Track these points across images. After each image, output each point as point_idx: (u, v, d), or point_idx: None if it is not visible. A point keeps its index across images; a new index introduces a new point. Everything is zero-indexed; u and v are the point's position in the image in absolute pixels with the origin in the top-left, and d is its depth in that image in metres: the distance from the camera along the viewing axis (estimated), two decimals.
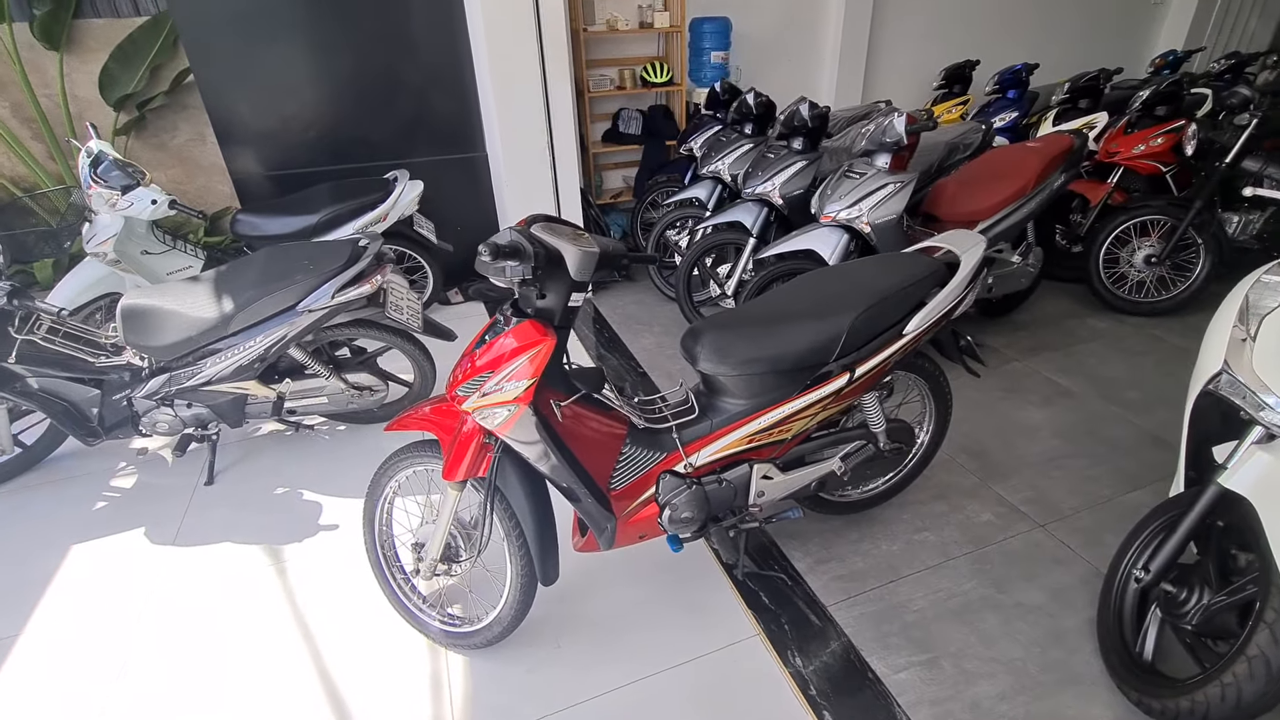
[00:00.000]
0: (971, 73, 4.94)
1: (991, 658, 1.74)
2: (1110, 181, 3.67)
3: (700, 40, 4.44)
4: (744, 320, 1.69)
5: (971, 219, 2.86)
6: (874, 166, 2.67)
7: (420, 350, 2.68)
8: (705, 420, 1.70)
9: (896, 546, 2.10)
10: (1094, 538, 2.10)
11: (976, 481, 2.36)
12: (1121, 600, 1.71)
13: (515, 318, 1.44)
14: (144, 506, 2.43)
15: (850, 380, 1.66)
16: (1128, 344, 3.25)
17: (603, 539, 1.66)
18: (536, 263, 1.27)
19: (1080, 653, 1.73)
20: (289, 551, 2.19)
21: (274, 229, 3.20)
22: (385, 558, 1.87)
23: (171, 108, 3.84)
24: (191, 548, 2.23)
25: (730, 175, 3.49)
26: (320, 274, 2.22)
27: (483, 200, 4.16)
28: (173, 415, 2.42)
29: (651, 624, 1.87)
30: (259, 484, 2.53)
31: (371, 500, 1.82)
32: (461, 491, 1.61)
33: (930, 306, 1.69)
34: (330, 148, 3.77)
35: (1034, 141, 3.12)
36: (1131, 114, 3.64)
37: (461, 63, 3.77)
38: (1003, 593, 1.92)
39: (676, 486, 1.69)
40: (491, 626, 1.71)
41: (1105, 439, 2.57)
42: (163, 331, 2.18)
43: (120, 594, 2.04)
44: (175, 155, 3.97)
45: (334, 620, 1.92)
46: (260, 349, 2.25)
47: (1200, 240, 3.30)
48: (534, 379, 1.38)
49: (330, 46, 3.53)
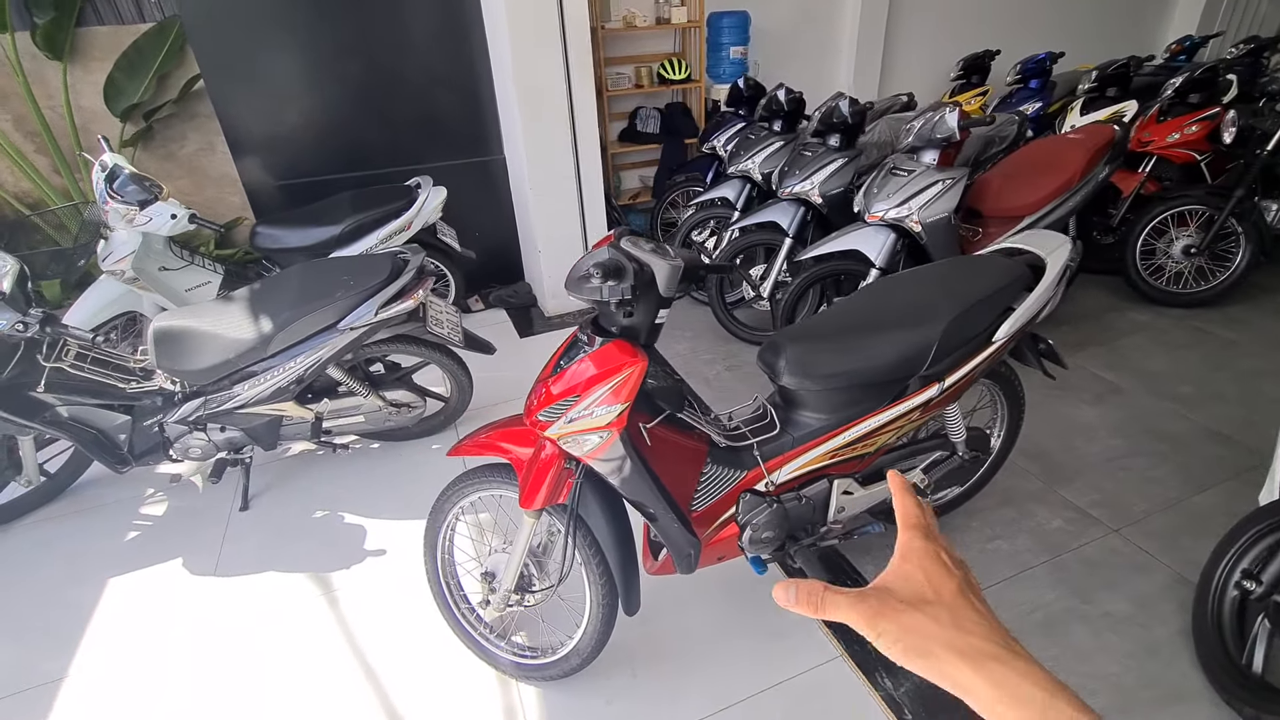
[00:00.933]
0: (990, 63, 4.87)
1: (1088, 673, 1.67)
2: (1143, 171, 3.62)
3: (718, 35, 4.35)
4: (826, 331, 1.61)
5: (1018, 214, 2.79)
6: (922, 163, 2.59)
7: (458, 364, 2.60)
8: (786, 435, 1.63)
9: (969, 557, 2.03)
10: (1170, 542, 2.04)
11: (1041, 485, 2.30)
12: (1219, 610, 1.65)
13: (599, 337, 1.35)
14: (179, 535, 2.34)
15: (940, 391, 1.59)
16: (1171, 337, 3.20)
17: (684, 564, 1.59)
18: (636, 280, 1.19)
19: (1178, 665, 1.68)
20: (338, 579, 2.10)
21: (295, 241, 3.09)
22: (448, 586, 1.79)
23: (180, 117, 3.71)
24: (234, 578, 2.14)
25: (761, 174, 3.40)
26: (362, 290, 2.12)
27: (500, 205, 4.07)
28: (206, 440, 2.33)
29: (728, 648, 1.80)
30: (296, 508, 2.44)
31: (434, 527, 1.74)
32: (538, 519, 1.53)
33: (1020, 311, 1.62)
34: (344, 155, 3.67)
35: (1075, 133, 3.05)
36: (1163, 102, 3.58)
37: (477, 64, 3.68)
38: (1087, 603, 1.86)
39: (757, 505, 1.61)
40: (569, 657, 1.64)
41: (1164, 436, 2.52)
42: (198, 354, 2.09)
43: (166, 629, 1.95)
44: (184, 166, 3.85)
45: (395, 652, 1.84)
46: (300, 370, 2.16)
47: (1240, 229, 3.25)
48: (627, 403, 1.30)
49: (344, 50, 3.43)
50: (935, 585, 0.40)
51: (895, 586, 0.41)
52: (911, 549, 0.43)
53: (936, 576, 0.41)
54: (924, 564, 0.42)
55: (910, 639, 0.38)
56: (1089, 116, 3.91)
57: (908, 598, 0.40)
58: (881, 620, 0.39)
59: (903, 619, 0.39)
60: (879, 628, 0.39)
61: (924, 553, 0.42)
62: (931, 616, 0.39)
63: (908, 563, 0.42)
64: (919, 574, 0.41)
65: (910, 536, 0.44)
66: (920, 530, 0.44)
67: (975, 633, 0.38)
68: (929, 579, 0.41)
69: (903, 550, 0.43)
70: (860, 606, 0.40)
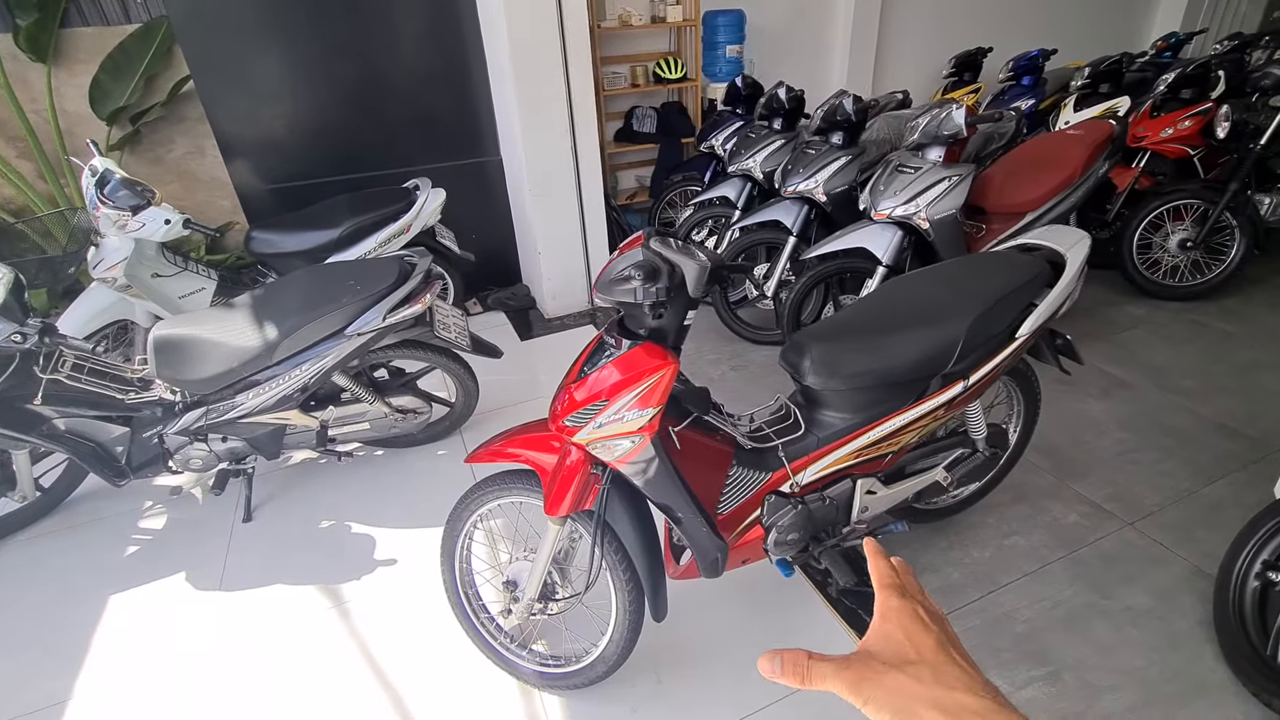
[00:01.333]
0: (983, 60, 4.90)
1: (1113, 667, 1.68)
2: (1137, 166, 3.65)
3: (714, 34, 4.34)
4: (850, 331, 1.60)
5: (1021, 210, 2.81)
6: (928, 160, 2.59)
7: (464, 369, 2.56)
8: (810, 436, 1.61)
9: (988, 553, 2.03)
10: (1185, 534, 2.05)
11: (1054, 481, 2.31)
12: (1241, 602, 1.66)
13: (627, 340, 1.33)
14: (181, 549, 2.28)
15: (964, 389, 1.58)
16: (1170, 330, 3.24)
17: (710, 568, 1.56)
18: (671, 282, 1.17)
19: (1202, 658, 1.68)
20: (348, 590, 2.06)
21: (292, 245, 3.03)
22: (467, 596, 1.75)
23: (168, 120, 3.63)
24: (241, 592, 2.08)
25: (762, 173, 3.39)
26: (369, 295, 2.08)
27: (497, 206, 4.03)
28: (207, 450, 2.27)
29: (751, 651, 1.77)
30: (301, 518, 2.39)
31: (451, 535, 1.70)
32: (563, 526, 1.50)
33: (1042, 307, 1.61)
34: (337, 157, 3.61)
35: (1074, 129, 3.07)
36: (1156, 97, 3.62)
37: (472, 64, 3.64)
38: (1107, 598, 1.86)
39: (782, 507, 1.59)
40: (595, 665, 1.61)
41: (1170, 430, 2.54)
42: (200, 363, 2.03)
43: (173, 647, 1.89)
44: (173, 170, 3.76)
45: (412, 664, 1.80)
46: (305, 377, 2.11)
47: (1235, 223, 3.29)
48: (659, 407, 1.28)
49: (336, 50, 3.37)
50: (915, 643, 0.41)
51: (877, 648, 0.42)
52: (889, 608, 0.44)
53: (915, 633, 0.41)
54: (902, 622, 0.42)
55: (896, 700, 0.38)
56: (1083, 113, 3.95)
57: (890, 659, 0.40)
58: (866, 685, 0.40)
59: (886, 681, 0.39)
60: (865, 693, 0.39)
61: (901, 610, 0.43)
62: (914, 676, 0.39)
63: (887, 622, 0.43)
64: (899, 633, 0.42)
65: (886, 596, 0.45)
66: (895, 589, 0.45)
67: (958, 688, 0.38)
68: (908, 637, 0.41)
69: (881, 610, 0.44)
70: (845, 674, 0.40)
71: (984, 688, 0.38)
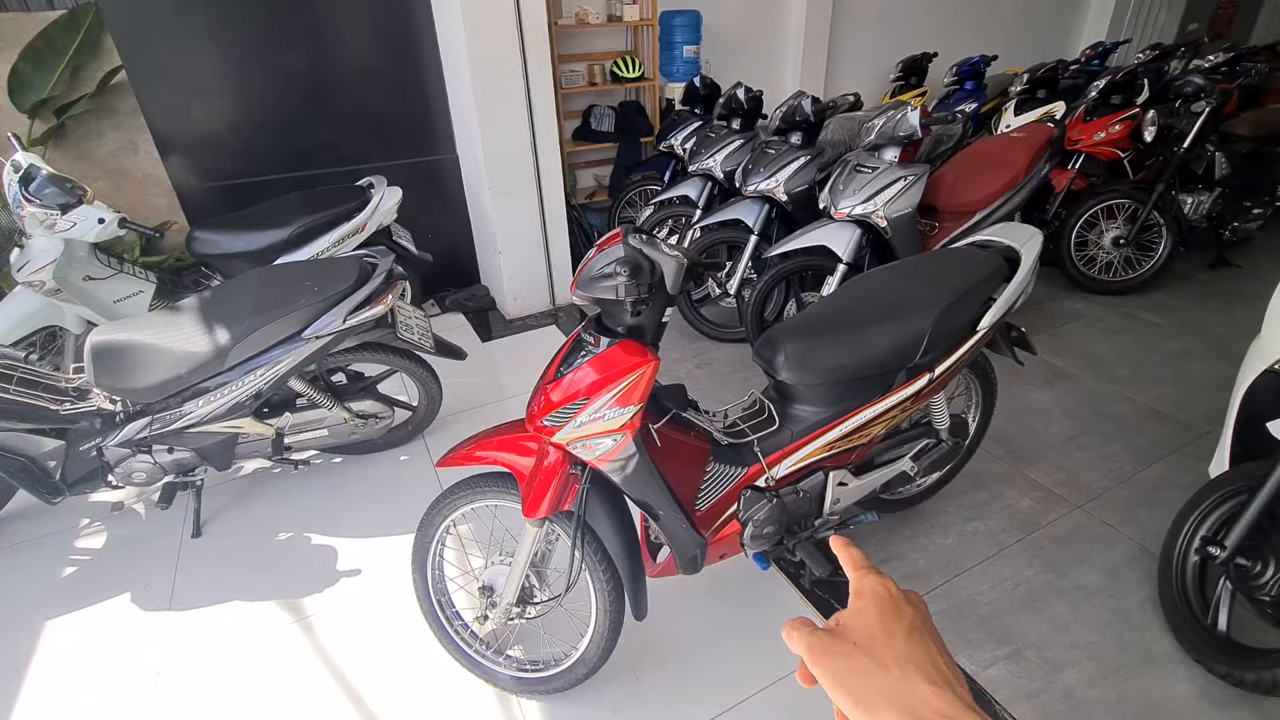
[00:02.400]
0: (928, 64, 5.08)
1: (1069, 644, 1.76)
2: (1073, 167, 3.85)
3: (671, 34, 4.36)
4: (821, 326, 1.63)
5: (971, 209, 2.92)
6: (884, 160, 2.67)
7: (427, 371, 2.49)
8: (785, 430, 1.63)
9: (950, 540, 2.11)
10: (1130, 514, 2.17)
11: (1008, 467, 2.41)
12: (1183, 576, 1.76)
13: (605, 338, 1.32)
14: (124, 569, 2.14)
15: (930, 381, 1.63)
16: (1106, 323, 3.43)
17: (689, 564, 1.57)
18: (652, 278, 1.16)
19: (1150, 630, 1.78)
20: (311, 604, 1.97)
21: (238, 246, 2.89)
22: (440, 603, 1.71)
23: (96, 113, 3.40)
24: (194, 611, 1.97)
25: (722, 172, 3.43)
26: (327, 296, 2.00)
27: (453, 205, 3.94)
28: (151, 463, 2.14)
29: (729, 646, 1.79)
30: (255, 531, 2.28)
31: (423, 542, 1.66)
32: (541, 528, 1.47)
33: (1000, 301, 1.68)
34: (285, 153, 3.47)
35: (1017, 132, 3.22)
36: (1089, 103, 3.83)
37: (426, 60, 3.55)
38: (1062, 577, 1.96)
39: (758, 501, 1.61)
40: (575, 667, 1.59)
41: (1110, 416, 2.68)
42: (144, 371, 1.91)
43: (119, 672, 1.77)
44: (103, 166, 3.52)
45: (383, 676, 1.74)
46: (259, 383, 2.02)
47: (1163, 221, 3.51)
48: (640, 404, 1.27)
49: (282, 41, 3.23)
50: (886, 625, 0.40)
51: (851, 623, 0.41)
52: (864, 584, 0.44)
53: (888, 615, 0.41)
54: (878, 602, 0.42)
55: (857, 684, 0.38)
56: (1022, 117, 4.15)
57: (860, 637, 0.40)
58: (830, 656, 0.39)
59: (851, 661, 0.39)
60: (826, 665, 0.39)
61: (876, 586, 0.43)
62: (880, 664, 0.38)
63: (862, 598, 0.43)
64: (872, 610, 0.41)
65: (861, 574, 0.44)
66: (869, 570, 0.45)
67: (921, 689, 0.36)
68: (881, 617, 0.41)
69: (856, 588, 0.44)
70: (812, 640, 0.40)
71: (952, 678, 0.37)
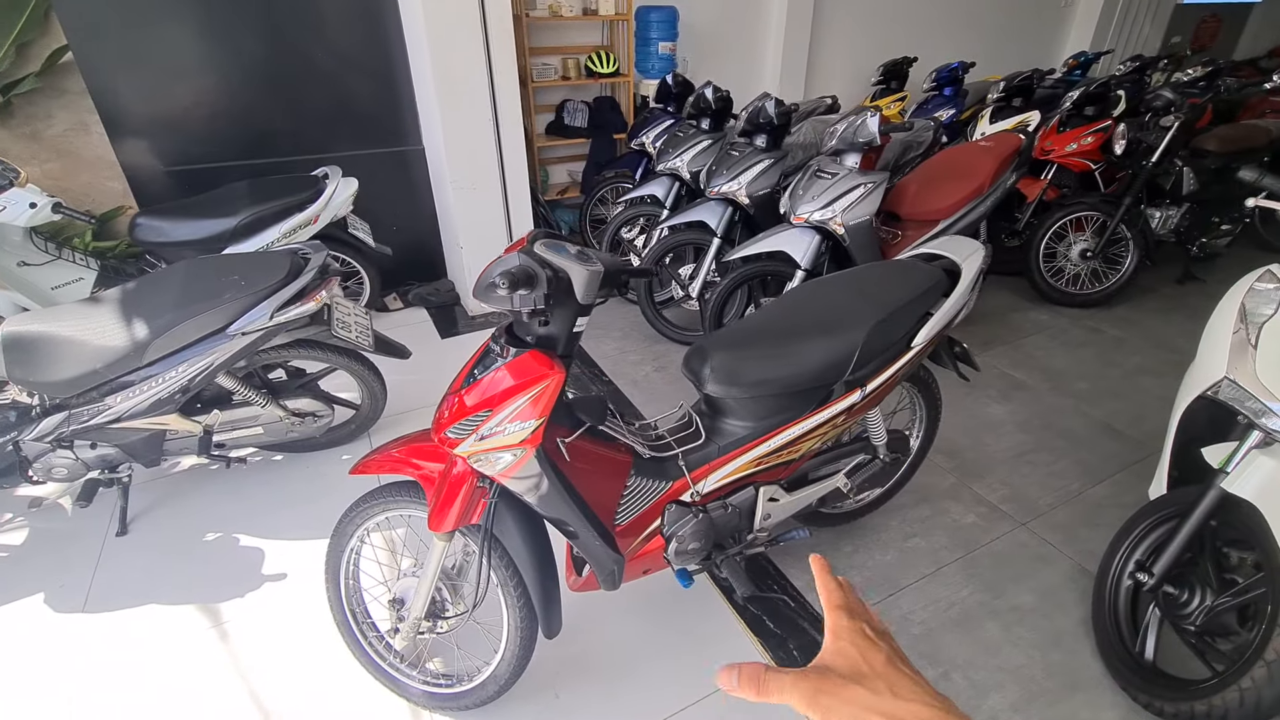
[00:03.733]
0: (909, 69, 5.04)
1: (998, 666, 1.73)
2: (1045, 178, 3.83)
3: (647, 30, 4.29)
4: (751, 338, 1.58)
5: (934, 218, 2.88)
6: (845, 166, 2.62)
7: (369, 370, 2.43)
8: (711, 444, 1.59)
9: (890, 556, 2.08)
10: (1071, 534, 2.15)
11: (955, 482, 2.38)
12: (1115, 601, 1.74)
13: (513, 347, 1.26)
14: (41, 568, 2.07)
15: (863, 396, 1.59)
16: (1069, 336, 3.41)
17: (608, 580, 1.53)
18: (550, 289, 1.11)
19: (1080, 654, 1.76)
20: (229, 609, 1.91)
21: (183, 234, 2.81)
22: (354, 614, 1.65)
23: (44, 92, 3.29)
24: (108, 613, 1.91)
25: (689, 173, 3.37)
26: (255, 291, 1.93)
27: (419, 198, 3.86)
28: (73, 459, 2.07)
29: (653, 662, 1.75)
30: (183, 530, 2.21)
31: (336, 551, 1.60)
32: (449, 542, 1.42)
33: (937, 317, 1.64)
34: (243, 140, 3.38)
35: (986, 140, 3.18)
36: (1062, 113, 3.81)
37: (393, 48, 3.47)
38: (998, 597, 1.93)
39: (682, 516, 1.57)
40: (486, 685, 1.54)
41: (1063, 432, 2.66)
42: (58, 364, 1.84)
43: (26, 679, 1.71)
44: (52, 148, 3.42)
45: (293, 689, 1.68)
46: (183, 380, 1.95)
47: (1129, 235, 3.49)
48: (543, 418, 1.22)
49: (241, 23, 3.14)
50: (867, 659, 0.43)
51: (833, 664, 0.44)
52: (841, 627, 0.46)
53: (867, 650, 0.44)
54: (854, 640, 0.45)
55: (851, 710, 0.41)
56: (997, 125, 4.11)
57: (846, 673, 0.43)
58: (823, 697, 0.42)
59: (843, 693, 0.41)
60: (821, 704, 0.41)
61: (852, 629, 0.46)
62: (870, 689, 0.41)
63: (839, 639, 0.45)
64: (852, 649, 0.44)
65: (837, 616, 0.47)
66: (845, 609, 0.47)
67: (912, 699, 0.41)
68: (861, 653, 0.44)
69: (833, 629, 0.46)
70: (802, 685, 0.42)
71: (935, 697, 0.41)
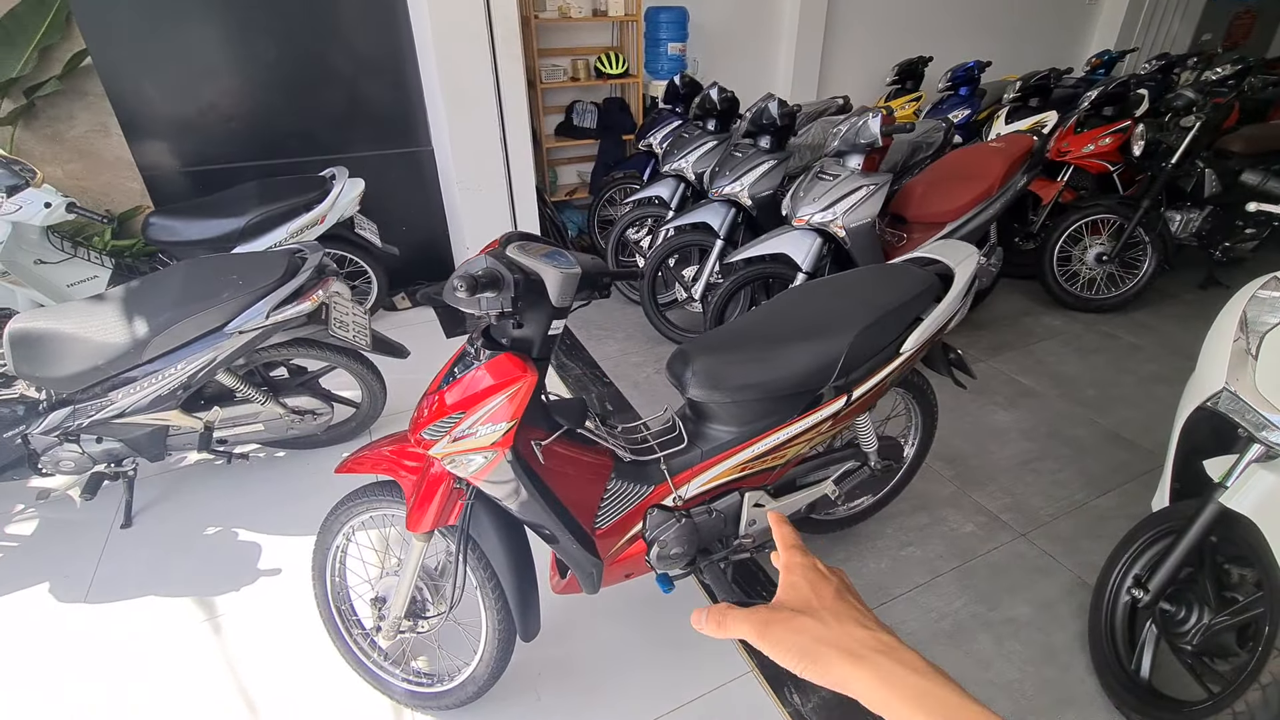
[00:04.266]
0: (924, 69, 4.97)
1: (988, 680, 1.69)
2: (1061, 180, 3.74)
3: (656, 30, 4.28)
4: (735, 342, 1.57)
5: (941, 220, 2.83)
6: (847, 168, 2.59)
7: (368, 369, 2.45)
8: (694, 449, 1.57)
9: (884, 564, 2.04)
10: (1073, 545, 2.10)
11: (955, 490, 2.34)
12: (1112, 617, 1.69)
13: (488, 350, 1.27)
14: (48, 558, 2.13)
15: (848, 403, 1.57)
16: (1082, 341, 3.32)
17: (588, 584, 1.52)
18: (516, 292, 1.11)
19: (1073, 670, 1.71)
20: (224, 602, 1.95)
21: (193, 234, 2.87)
22: (340, 612, 1.67)
23: (67, 94, 3.39)
24: (108, 604, 1.95)
25: (694, 174, 3.36)
26: (252, 290, 1.96)
27: (429, 198, 3.90)
28: (79, 452, 2.12)
29: (637, 667, 1.74)
30: (186, 524, 2.26)
31: (322, 550, 1.62)
32: (428, 542, 1.43)
33: (927, 323, 1.61)
34: (257, 141, 3.44)
35: (997, 141, 3.12)
36: (1080, 114, 3.71)
37: (404, 49, 3.50)
38: (992, 609, 1.89)
39: (665, 521, 1.56)
40: (465, 686, 1.55)
41: (1071, 440, 2.59)
42: (62, 360, 1.89)
43: (25, 667, 1.76)
44: (74, 148, 3.52)
45: (281, 683, 1.71)
46: (182, 377, 1.98)
47: (1147, 238, 3.39)
48: (514, 421, 1.22)
49: (254, 27, 3.20)
50: (817, 591, 0.46)
51: (785, 598, 0.46)
52: (793, 563, 0.49)
53: (817, 583, 0.47)
54: (806, 574, 0.47)
55: (800, 640, 0.42)
56: (1013, 125, 4.03)
57: (796, 605, 0.45)
58: (773, 628, 0.44)
59: (792, 623, 0.43)
60: (771, 636, 0.43)
61: (804, 565, 0.48)
62: (818, 619, 0.43)
63: (791, 574, 0.48)
64: (803, 583, 0.47)
65: (791, 554, 0.50)
66: (799, 549, 0.51)
67: (856, 632, 0.42)
68: (811, 586, 0.46)
69: (786, 565, 0.49)
70: (753, 618, 0.45)
71: (880, 626, 0.43)
